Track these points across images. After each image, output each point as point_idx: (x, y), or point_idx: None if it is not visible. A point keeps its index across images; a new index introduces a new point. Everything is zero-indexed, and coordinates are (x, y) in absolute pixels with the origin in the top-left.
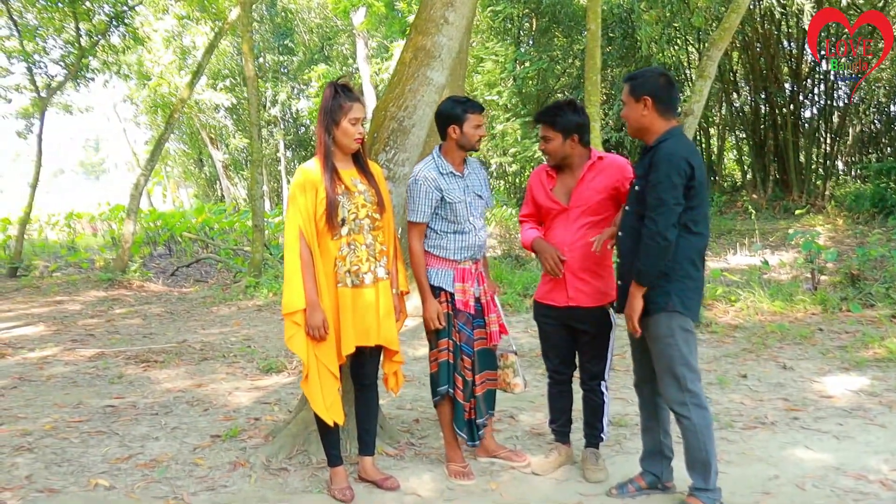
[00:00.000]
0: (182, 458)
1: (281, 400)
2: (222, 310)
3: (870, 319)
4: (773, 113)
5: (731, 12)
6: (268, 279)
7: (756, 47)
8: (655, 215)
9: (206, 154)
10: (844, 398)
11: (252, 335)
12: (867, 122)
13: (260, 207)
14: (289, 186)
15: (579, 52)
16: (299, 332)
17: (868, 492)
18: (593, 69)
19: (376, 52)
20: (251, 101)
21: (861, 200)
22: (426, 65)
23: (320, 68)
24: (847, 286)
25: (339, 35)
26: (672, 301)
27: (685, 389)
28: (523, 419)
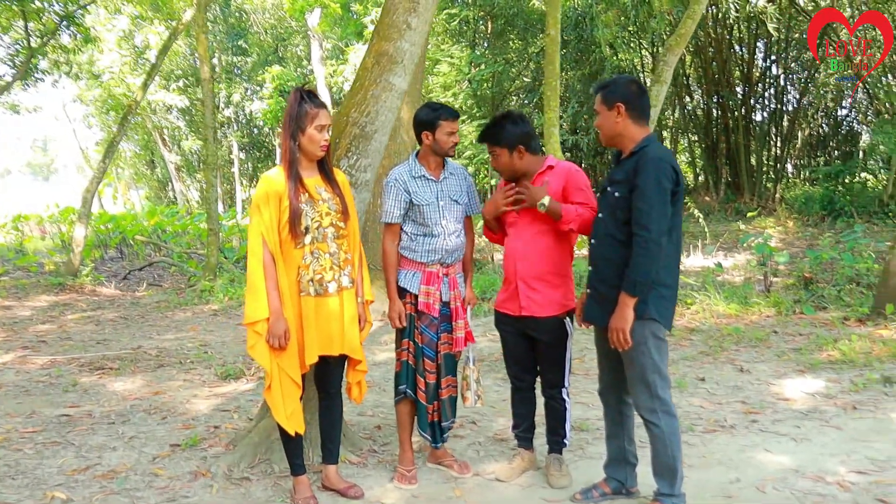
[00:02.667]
0: (141, 468)
1: (240, 407)
2: (178, 314)
3: (823, 322)
4: (724, 116)
5: (686, 18)
6: (223, 283)
7: (709, 51)
8: (648, 222)
9: (158, 156)
10: (801, 400)
11: (209, 341)
12: (815, 125)
13: (215, 210)
14: (242, 189)
15: (534, 55)
16: (261, 342)
17: (826, 493)
18: (552, 74)
19: (331, 54)
20: (206, 103)
21: (810, 203)
22: (389, 70)
23: (275, 69)
24: (800, 289)
25: (293, 36)
26: (648, 309)
27: (655, 396)
28: (486, 425)
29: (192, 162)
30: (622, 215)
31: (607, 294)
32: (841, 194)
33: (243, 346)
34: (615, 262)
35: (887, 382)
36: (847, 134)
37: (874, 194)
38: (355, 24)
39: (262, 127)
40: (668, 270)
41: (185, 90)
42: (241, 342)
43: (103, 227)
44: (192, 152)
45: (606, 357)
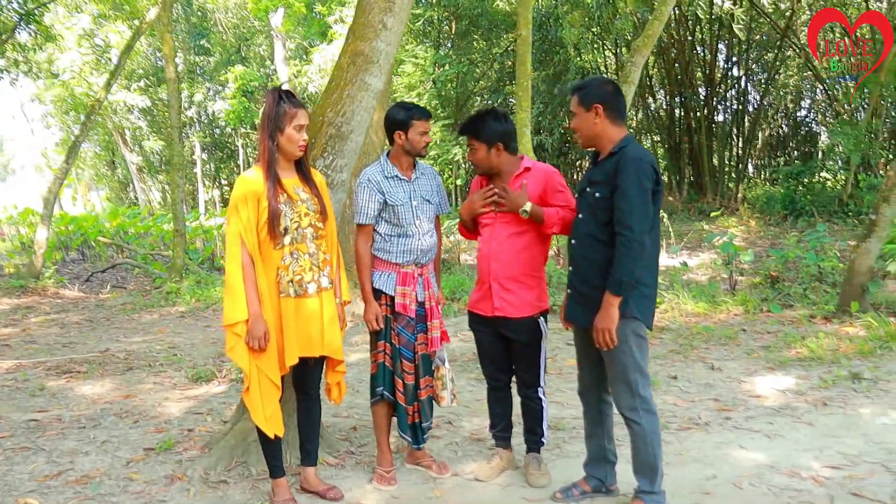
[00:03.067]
0: (115, 472)
1: (213, 410)
2: (144, 316)
3: (790, 320)
4: (687, 117)
5: (653, 20)
6: (190, 285)
7: (672, 53)
8: (630, 221)
9: (119, 156)
10: (772, 397)
11: (178, 343)
12: (775, 126)
13: (180, 211)
14: (205, 190)
15: (498, 56)
16: (240, 343)
17: (802, 488)
18: (524, 74)
19: (295, 54)
20: (171, 103)
21: (772, 203)
22: (364, 70)
23: (237, 69)
24: (767, 287)
25: (256, 36)
26: (630, 308)
27: (637, 395)
28: (462, 425)
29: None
30: (603, 216)
31: (589, 294)
32: (802, 194)
33: (213, 347)
34: (597, 262)
35: (855, 379)
36: (806, 134)
37: (834, 194)
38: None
39: (225, 127)
40: (649, 269)
41: (147, 90)
42: (211, 344)
43: (64, 229)
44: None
45: (587, 356)
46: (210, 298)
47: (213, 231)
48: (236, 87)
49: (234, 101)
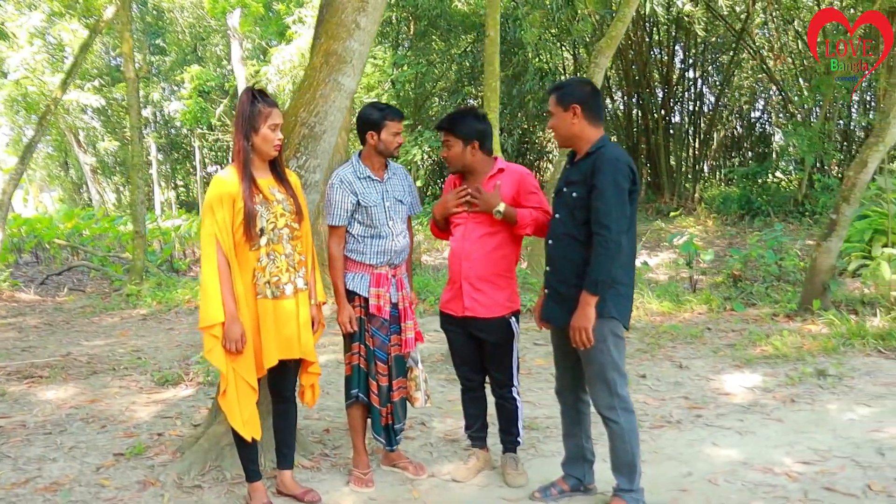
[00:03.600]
0: (85, 479)
1: (182, 413)
2: (105, 320)
3: (753, 318)
4: (645, 118)
5: (616, 21)
6: (150, 287)
7: (629, 54)
8: (608, 221)
9: (73, 157)
10: (741, 395)
11: (141, 346)
12: (730, 127)
13: (141, 212)
14: (161, 191)
15: (457, 57)
16: (218, 346)
17: (776, 484)
18: (492, 75)
19: (252, 54)
20: (131, 103)
21: (729, 203)
22: (337, 70)
23: (194, 69)
24: (729, 286)
25: (212, 35)
26: (608, 307)
27: (615, 394)
28: (435, 426)
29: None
30: (580, 215)
31: (567, 294)
32: (758, 194)
33: (177, 350)
34: (575, 261)
35: (821, 375)
36: (760, 135)
37: (789, 194)
38: (277, 23)
39: (181, 128)
40: (625, 269)
41: (101, 90)
42: (175, 347)
43: (17, 231)
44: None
45: (564, 356)
46: (172, 301)
47: (171, 233)
48: (192, 87)
49: (191, 101)
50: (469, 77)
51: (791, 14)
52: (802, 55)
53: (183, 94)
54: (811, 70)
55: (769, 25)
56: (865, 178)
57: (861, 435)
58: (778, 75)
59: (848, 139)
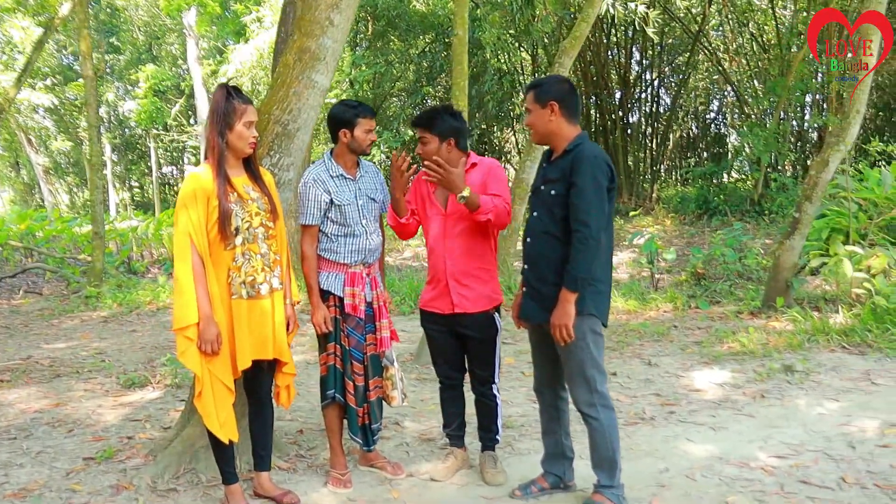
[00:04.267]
0: (55, 484)
1: (151, 416)
2: (65, 322)
3: (718, 316)
4: (602, 118)
5: (581, 21)
6: (110, 289)
7: (587, 55)
8: (587, 218)
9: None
10: (711, 391)
11: (104, 348)
12: (685, 128)
13: (100, 213)
14: (116, 192)
15: (415, 57)
16: (192, 347)
17: (752, 478)
18: (461, 74)
19: (209, 53)
20: (89, 101)
21: (686, 202)
22: (311, 67)
23: (149, 68)
24: (692, 284)
25: (168, 34)
26: (586, 304)
27: (594, 391)
28: (409, 426)
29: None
30: (559, 213)
31: (547, 292)
32: (714, 193)
33: (141, 353)
34: (553, 259)
35: (788, 371)
36: (715, 136)
37: (745, 193)
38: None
39: (136, 128)
40: (603, 266)
41: (53, 89)
42: (139, 349)
43: None
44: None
45: (542, 354)
46: (133, 302)
47: (129, 234)
48: (147, 86)
49: (146, 100)
50: (427, 77)
51: (746, 17)
52: (757, 56)
53: (138, 93)
54: (765, 71)
55: (724, 27)
56: (827, 177)
57: (831, 429)
58: (733, 76)
59: (802, 140)
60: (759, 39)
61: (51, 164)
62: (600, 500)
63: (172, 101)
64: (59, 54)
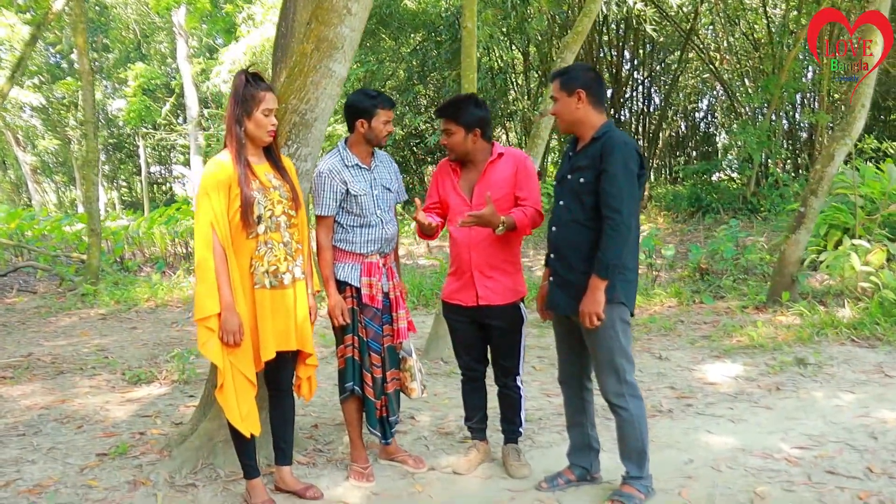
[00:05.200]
0: (70, 480)
1: (161, 412)
2: (62, 320)
3: (724, 310)
4: None
5: (583, 16)
6: (107, 286)
7: (579, 53)
8: (619, 205)
9: (11, 157)
10: (726, 384)
11: (105, 345)
12: (675, 126)
13: (96, 210)
14: (105, 191)
15: (406, 55)
16: (214, 338)
17: (778, 469)
18: (470, 67)
19: (198, 52)
20: (86, 97)
21: (679, 200)
22: (329, 56)
23: (138, 67)
24: (697, 280)
25: (157, 32)
26: (616, 292)
27: (623, 381)
28: (424, 419)
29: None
30: (589, 200)
31: (575, 281)
32: (707, 192)
33: (144, 349)
34: (581, 248)
35: (801, 364)
36: (705, 135)
37: (737, 191)
38: (224, 21)
39: (124, 127)
40: (632, 254)
41: (41, 87)
42: (142, 345)
43: None
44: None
45: (569, 345)
46: (131, 300)
47: (122, 232)
48: (136, 84)
49: (135, 99)
50: (419, 76)
51: (737, 15)
52: (748, 55)
53: (127, 92)
54: (756, 70)
55: (716, 26)
56: (833, 171)
57: (850, 420)
58: (724, 75)
59: (792, 137)
60: (749, 38)
61: (38, 163)
62: (630, 491)
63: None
64: (47, 53)
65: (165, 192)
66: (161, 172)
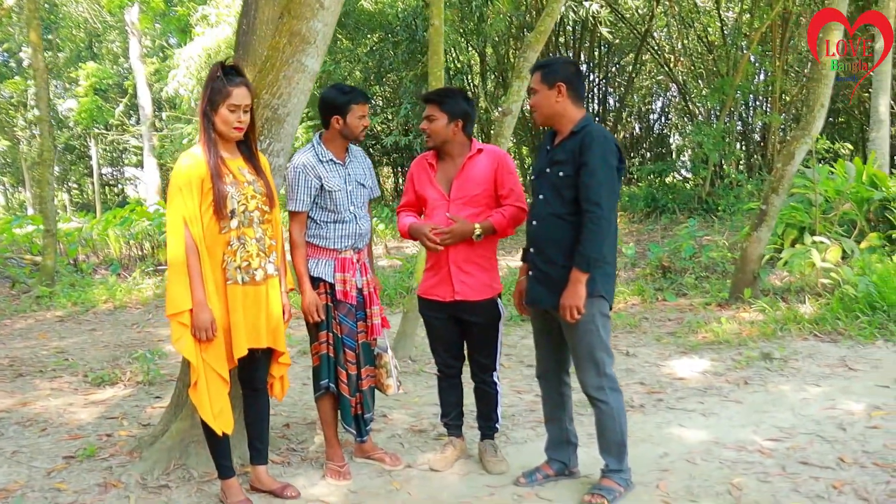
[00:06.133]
0: (37, 484)
1: (127, 414)
2: (18, 322)
3: (687, 307)
4: None
5: (545, 16)
6: (63, 288)
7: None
8: (598, 198)
9: None
10: (694, 379)
11: (65, 347)
12: (629, 128)
13: (51, 211)
14: (55, 192)
15: (363, 56)
16: (187, 334)
17: (752, 461)
18: (437, 64)
19: (152, 52)
20: (40, 95)
21: (635, 201)
22: (301, 51)
23: (89, 66)
24: (659, 277)
25: (109, 31)
26: (596, 286)
27: (603, 374)
28: (397, 417)
29: None
30: (569, 194)
31: (556, 275)
32: (663, 192)
33: (105, 351)
34: (561, 242)
35: (766, 358)
36: (659, 135)
37: (693, 192)
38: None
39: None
40: (611, 248)
41: None
42: (102, 347)
43: None
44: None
45: (547, 340)
46: (88, 301)
47: (75, 234)
48: (88, 84)
49: (87, 99)
50: (376, 76)
51: (691, 17)
52: (703, 57)
53: (78, 91)
54: (710, 72)
55: (670, 28)
56: (793, 170)
57: (818, 412)
58: (679, 77)
59: (745, 138)
60: (703, 40)
61: None
62: (609, 484)
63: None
64: None
65: (117, 193)
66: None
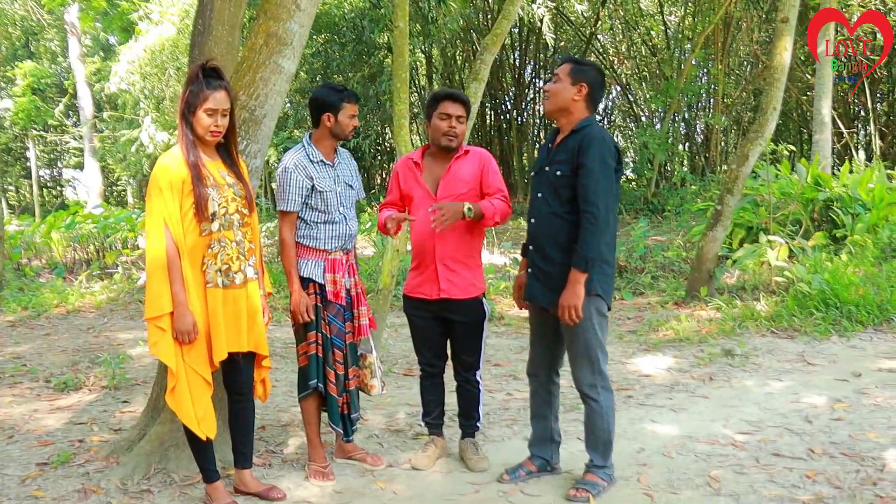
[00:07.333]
0: (11, 492)
1: (96, 419)
2: None
3: (645, 306)
4: (498, 119)
5: (502, 19)
6: (12, 292)
7: None
8: (595, 199)
9: None
10: (660, 376)
11: (21, 353)
12: None
13: (0, 214)
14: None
15: (308, 56)
16: (165, 338)
17: (726, 454)
18: (402, 66)
19: (92, 50)
20: None
21: None
22: (278, 52)
23: (26, 65)
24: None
25: (46, 30)
26: (594, 285)
27: (598, 372)
28: (373, 418)
29: None
30: (566, 193)
31: (553, 273)
32: None
33: (63, 356)
34: (559, 240)
35: (728, 355)
36: None
37: (639, 192)
38: (120, 19)
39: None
40: (609, 247)
41: None
42: (60, 352)
43: None
44: None
45: (542, 337)
46: (40, 305)
47: (18, 237)
48: (25, 84)
49: (24, 99)
50: (323, 77)
51: (635, 20)
52: (646, 60)
53: (15, 91)
54: (653, 74)
55: (614, 31)
56: (747, 171)
57: (784, 406)
58: (623, 79)
59: (689, 140)
60: (647, 43)
61: None
62: (593, 479)
63: (53, 100)
64: None
65: (56, 196)
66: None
